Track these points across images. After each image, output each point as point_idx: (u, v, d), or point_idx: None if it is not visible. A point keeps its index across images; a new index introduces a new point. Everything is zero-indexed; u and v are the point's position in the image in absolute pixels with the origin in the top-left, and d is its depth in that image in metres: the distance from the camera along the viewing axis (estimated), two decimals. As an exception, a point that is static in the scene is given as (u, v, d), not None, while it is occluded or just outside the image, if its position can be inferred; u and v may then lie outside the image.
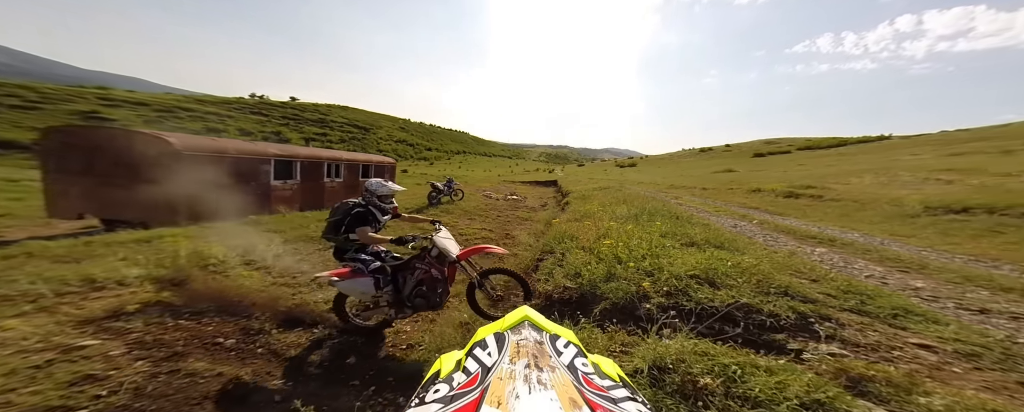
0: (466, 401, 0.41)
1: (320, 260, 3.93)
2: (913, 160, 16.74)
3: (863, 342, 1.44)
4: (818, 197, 8.77)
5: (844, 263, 3.27)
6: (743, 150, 56.45)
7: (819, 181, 11.52)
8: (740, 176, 20.28)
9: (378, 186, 2.44)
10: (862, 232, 5.17)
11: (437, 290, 2.38)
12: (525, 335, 0.56)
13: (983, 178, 8.55)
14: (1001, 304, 2.10)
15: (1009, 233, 4.34)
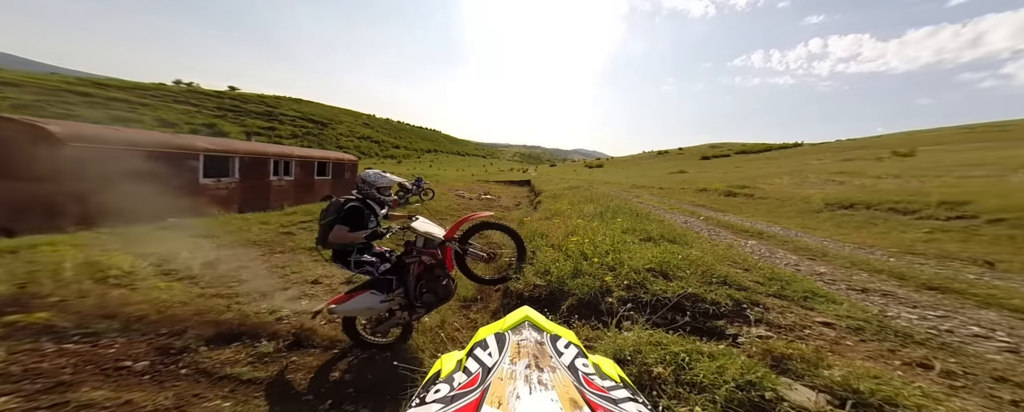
0: (467, 401, 0.40)
1: (265, 267, 3.47)
2: (818, 164, 20.14)
3: (783, 323, 1.67)
4: (750, 195, 10.08)
5: (769, 253, 3.79)
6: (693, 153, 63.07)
7: (751, 182, 13.25)
8: (690, 177, 22.54)
9: (377, 177, 2.19)
10: (782, 226, 6.07)
11: (440, 280, 2.22)
12: (526, 335, 0.56)
13: (863, 180, 10.57)
14: (876, 284, 2.61)
15: (880, 224, 5.41)
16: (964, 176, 8.90)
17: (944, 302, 2.22)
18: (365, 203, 2.14)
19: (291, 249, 4.15)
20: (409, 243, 2.25)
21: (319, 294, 2.87)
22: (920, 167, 12.21)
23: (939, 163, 12.90)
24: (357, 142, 58.45)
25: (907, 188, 7.27)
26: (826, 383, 1.13)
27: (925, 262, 3.54)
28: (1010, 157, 11.81)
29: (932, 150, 21.60)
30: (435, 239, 2.19)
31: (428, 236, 2.19)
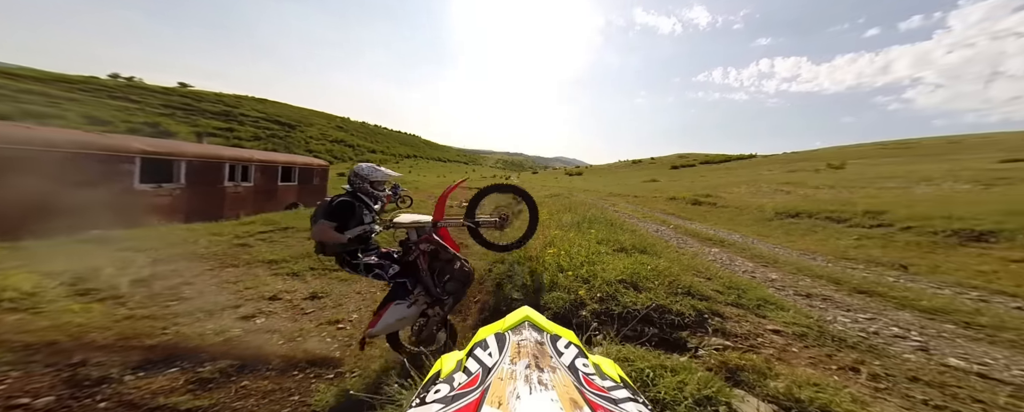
0: (467, 401, 0.40)
1: (213, 283, 3.11)
2: (769, 175, 22.38)
3: (739, 332, 1.78)
4: (713, 204, 10.89)
5: (729, 260, 4.08)
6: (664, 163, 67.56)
7: (714, 191, 14.36)
8: (661, 185, 23.97)
9: (370, 170, 2.06)
10: (740, 233, 6.61)
11: (452, 264, 2.10)
12: (526, 335, 0.55)
13: (805, 190, 11.87)
14: (817, 289, 2.89)
15: (820, 232, 6.07)
16: (881, 188, 10.34)
17: (871, 305, 2.50)
18: (356, 197, 2.01)
19: (246, 262, 3.79)
20: (403, 241, 2.14)
21: (277, 311, 2.62)
22: (849, 179, 13.99)
23: (862, 175, 14.87)
24: (329, 146, 54.91)
25: (839, 198, 8.26)
26: (773, 393, 1.21)
27: (855, 266, 4.01)
28: (914, 171, 13.97)
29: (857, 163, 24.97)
30: (425, 225, 2.09)
31: (416, 225, 2.08)
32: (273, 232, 5.36)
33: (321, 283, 3.26)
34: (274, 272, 3.52)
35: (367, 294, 2.98)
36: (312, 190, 10.77)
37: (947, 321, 2.18)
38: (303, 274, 3.48)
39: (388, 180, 2.13)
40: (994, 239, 4.32)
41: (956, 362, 1.65)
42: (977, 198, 6.61)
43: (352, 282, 3.25)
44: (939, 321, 2.19)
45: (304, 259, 3.86)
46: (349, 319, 2.55)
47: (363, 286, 3.17)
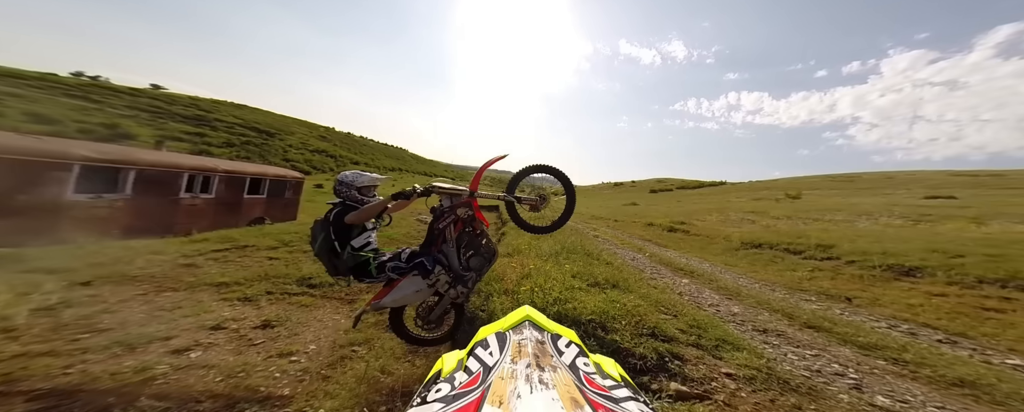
0: (468, 400, 0.39)
1: (143, 310, 2.77)
2: (737, 202, 24.13)
3: (696, 376, 1.88)
4: (687, 232, 11.48)
5: (697, 291, 4.29)
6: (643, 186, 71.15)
7: (688, 218, 15.19)
8: (640, 209, 25.06)
9: (355, 176, 1.98)
10: (710, 262, 6.98)
11: (481, 238, 2.02)
12: (526, 335, 0.54)
13: (768, 220, 12.86)
14: (773, 323, 3.10)
15: (779, 263, 6.54)
16: (830, 221, 11.44)
17: (817, 341, 2.71)
18: (347, 206, 1.91)
19: (189, 286, 3.33)
20: (434, 208, 2.06)
21: (219, 343, 2.32)
22: (804, 209, 15.37)
23: (815, 206, 16.41)
24: (309, 155, 52.73)
25: (796, 230, 9.02)
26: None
27: (809, 298, 4.33)
28: (856, 204, 15.65)
29: (810, 194, 27.64)
30: (462, 193, 2.01)
31: (453, 192, 2.00)
32: (229, 250, 4.82)
33: (277, 309, 2.93)
34: (222, 297, 3.12)
35: (329, 322, 2.76)
36: (284, 204, 10.06)
37: (879, 357, 2.40)
38: (257, 299, 3.12)
39: (376, 184, 2.04)
40: (920, 274, 4.86)
41: (883, 400, 1.82)
42: (907, 234, 7.46)
43: (313, 308, 3.02)
44: (873, 357, 2.41)
45: (260, 282, 3.51)
46: (305, 351, 2.29)
47: (325, 313, 2.95)
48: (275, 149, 48.79)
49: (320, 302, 3.18)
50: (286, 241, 5.76)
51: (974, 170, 38.28)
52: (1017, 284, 4.11)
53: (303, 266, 4.27)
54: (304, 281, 3.64)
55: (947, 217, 10.32)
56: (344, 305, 3.14)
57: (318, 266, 4.45)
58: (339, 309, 3.06)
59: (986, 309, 3.68)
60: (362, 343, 2.34)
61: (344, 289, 3.53)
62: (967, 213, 10.87)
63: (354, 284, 2.38)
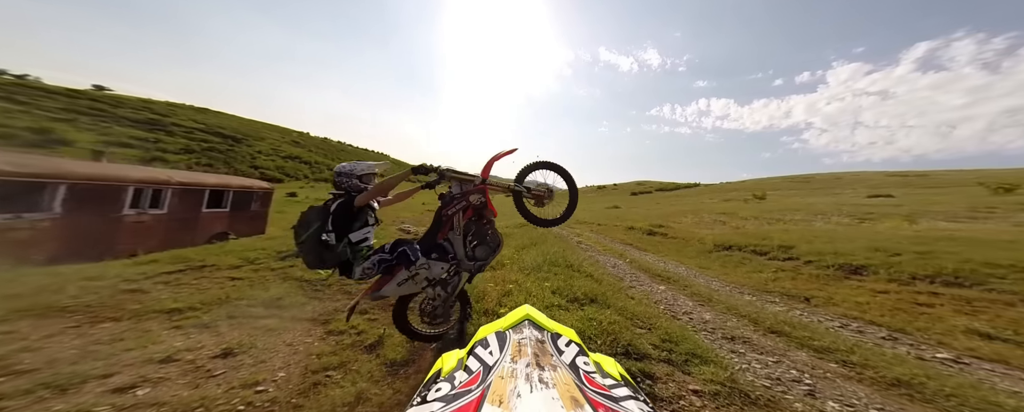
0: (468, 400, 0.39)
1: (76, 345, 2.41)
2: (710, 203, 25.51)
3: (665, 395, 1.92)
4: (665, 235, 11.94)
5: (673, 299, 4.44)
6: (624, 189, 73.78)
7: (665, 220, 15.82)
8: (622, 212, 25.82)
9: (353, 166, 1.90)
10: (686, 265, 7.28)
11: (488, 228, 2.00)
12: (526, 334, 0.55)
13: (737, 221, 13.67)
14: (740, 329, 3.25)
15: (747, 265, 6.93)
16: (790, 221, 12.37)
17: (779, 346, 2.87)
18: (350, 197, 1.84)
19: (135, 314, 2.95)
20: (444, 195, 2.02)
21: (171, 377, 2.08)
22: (768, 210, 16.51)
23: (777, 206, 17.70)
24: (281, 162, 49.55)
25: (761, 231, 9.62)
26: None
27: (773, 300, 4.61)
28: (812, 204, 17.05)
29: (773, 194, 29.84)
30: (474, 180, 1.99)
31: (464, 178, 1.97)
32: (184, 272, 4.33)
33: (240, 335, 2.62)
34: (174, 324, 2.75)
35: (300, 346, 2.54)
36: (250, 217, 9.26)
37: (831, 360, 2.58)
38: (216, 325, 2.79)
39: (374, 172, 1.97)
40: (865, 273, 5.33)
41: (832, 406, 1.94)
42: (853, 233, 8.18)
43: (282, 332, 2.78)
44: (826, 360, 2.59)
45: (220, 305, 3.17)
46: (273, 379, 2.07)
47: (296, 337, 2.71)
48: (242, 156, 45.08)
49: (290, 325, 2.93)
50: (251, 258, 5.33)
51: (904, 171, 43.22)
52: (943, 280, 4.60)
53: (271, 286, 3.95)
54: (272, 303, 3.37)
55: (885, 215, 11.47)
56: (317, 327, 2.92)
57: (287, 285, 4.18)
58: (311, 331, 2.83)
59: (919, 304, 4.08)
60: (337, 367, 2.18)
61: (317, 310, 3.31)
62: (901, 211, 12.15)
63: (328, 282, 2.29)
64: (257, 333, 2.72)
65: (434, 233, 2.02)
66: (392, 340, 2.50)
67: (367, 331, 2.68)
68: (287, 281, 4.18)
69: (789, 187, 38.42)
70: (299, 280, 4.31)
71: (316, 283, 4.21)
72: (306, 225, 1.77)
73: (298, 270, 4.89)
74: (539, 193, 2.27)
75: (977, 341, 3.03)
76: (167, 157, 30.31)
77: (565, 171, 2.26)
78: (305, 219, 1.80)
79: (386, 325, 2.77)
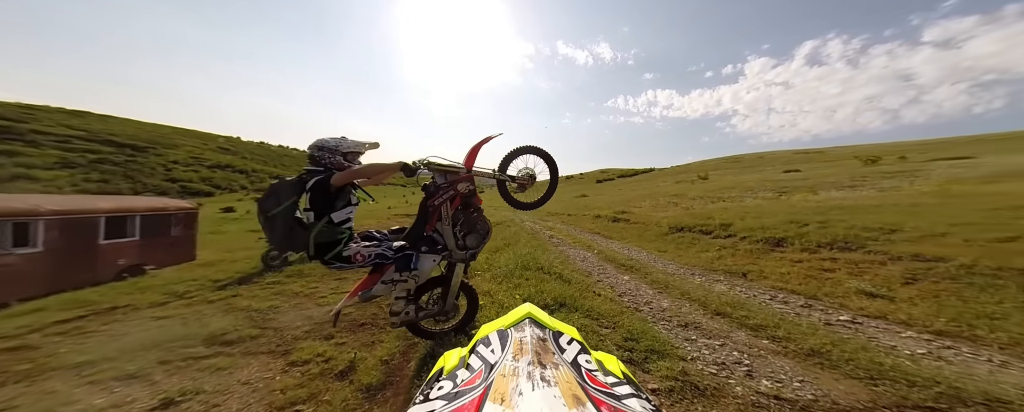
0: (470, 398, 0.40)
1: None
2: (664, 186, 27.79)
3: (629, 403, 1.99)
4: (627, 221, 12.72)
5: (635, 289, 4.70)
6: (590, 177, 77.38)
7: (627, 206, 16.86)
8: (589, 201, 27.01)
9: (339, 141, 1.70)
10: (647, 250, 7.81)
11: (475, 216, 1.97)
12: (528, 332, 0.54)
13: (687, 202, 15.04)
14: (693, 315, 3.53)
15: (697, 245, 7.64)
16: (727, 198, 13.95)
17: (723, 328, 3.16)
18: (330, 174, 1.64)
19: (26, 375, 2.39)
20: (428, 185, 1.95)
21: None
22: (711, 190, 18.44)
23: (717, 186, 19.86)
24: (208, 172, 42.13)
25: (706, 211, 10.68)
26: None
27: (719, 279, 5.12)
28: (743, 181, 19.42)
29: (713, 174, 33.47)
30: (459, 171, 1.95)
31: (450, 169, 1.93)
32: (86, 318, 3.60)
33: (181, 380, 2.22)
34: (88, 380, 2.23)
35: (259, 384, 2.19)
36: (170, 244, 7.92)
37: (764, 337, 2.91)
38: (147, 373, 2.32)
39: (361, 151, 1.79)
40: (785, 245, 6.17)
41: (765, 384, 2.17)
42: (775, 208, 9.44)
43: (235, 369, 2.39)
44: (759, 337, 2.90)
45: (148, 351, 2.63)
46: None
47: (252, 373, 2.34)
48: (150, 167, 36.77)
49: (243, 361, 2.53)
50: (180, 292, 4.52)
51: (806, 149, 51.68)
52: (838, 246, 5.50)
53: (211, 321, 3.39)
54: (216, 339, 2.89)
55: (796, 189, 13.48)
56: (276, 359, 2.56)
57: (232, 317, 3.61)
58: (270, 365, 2.46)
59: (824, 271, 4.83)
60: (306, 400, 1.94)
61: (274, 340, 2.89)
62: (807, 184, 14.36)
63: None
64: (203, 376, 2.31)
65: (422, 225, 1.97)
66: (365, 364, 2.29)
67: (335, 357, 2.43)
68: (231, 313, 3.65)
69: (725, 167, 43.39)
70: (247, 310, 3.76)
71: (267, 311, 3.71)
72: (275, 198, 1.57)
73: (244, 299, 4.28)
74: (523, 181, 2.30)
75: (865, 301, 3.67)
76: (36, 174, 23.60)
77: (547, 155, 2.31)
78: (274, 191, 1.60)
79: (356, 348, 2.56)
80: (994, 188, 8.19)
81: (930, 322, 3.05)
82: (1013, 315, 2.97)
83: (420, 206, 2.00)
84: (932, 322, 3.04)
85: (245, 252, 8.63)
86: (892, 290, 3.89)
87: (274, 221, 1.57)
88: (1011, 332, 2.72)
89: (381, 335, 2.84)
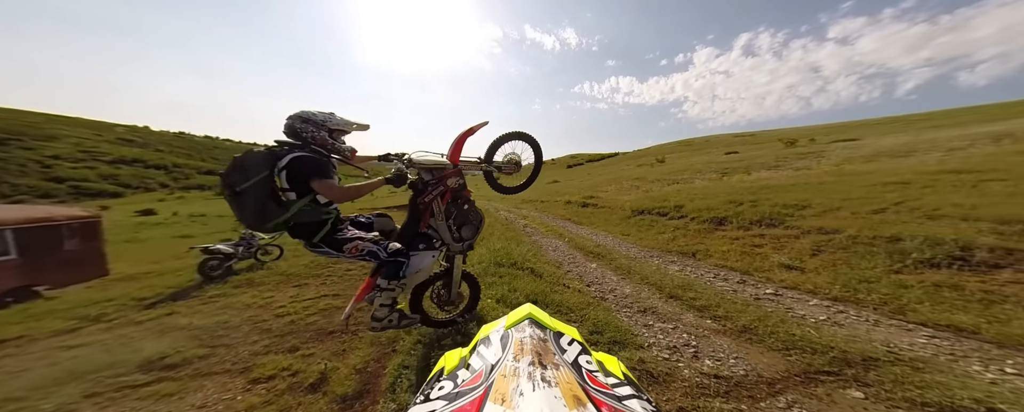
0: (470, 398, 0.41)
1: None
2: (627, 170, 29.41)
3: (595, 401, 2.09)
4: (595, 205, 13.26)
5: (601, 277, 4.95)
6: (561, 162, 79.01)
7: (594, 191, 17.56)
8: (560, 186, 27.68)
9: (328, 116, 1.53)
10: (613, 235, 8.26)
11: (467, 207, 1.97)
12: (529, 332, 0.54)
13: (646, 185, 16.08)
14: (652, 300, 3.80)
15: (655, 226, 8.24)
16: (680, 180, 15.17)
17: (675, 311, 3.45)
18: (318, 154, 1.51)
19: None
20: (414, 183, 1.91)
21: None
22: (667, 172, 19.90)
23: (673, 168, 21.48)
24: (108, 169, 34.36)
25: (663, 194, 11.49)
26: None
27: (673, 260, 5.60)
28: (693, 163, 21.25)
29: (669, 157, 36.15)
30: (445, 165, 1.93)
31: (436, 165, 1.89)
32: None
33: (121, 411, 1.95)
34: None
35: (216, 405, 1.95)
36: (66, 261, 6.60)
37: (708, 317, 3.23)
38: (77, 408, 2.02)
39: (348, 130, 1.63)
40: (726, 224, 6.90)
41: (708, 364, 2.42)
42: (718, 188, 10.46)
43: (185, 394, 2.09)
44: (704, 318, 3.23)
45: (66, 384, 2.23)
46: None
47: (209, 395, 2.06)
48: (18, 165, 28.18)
49: (193, 383, 2.21)
50: (94, 315, 3.82)
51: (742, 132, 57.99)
52: (766, 223, 6.29)
53: (145, 344, 2.91)
54: (154, 364, 2.48)
55: (734, 170, 15.07)
56: (234, 377, 2.28)
57: (171, 338, 3.12)
58: (228, 385, 2.17)
59: (755, 247, 5.51)
60: None
61: (229, 358, 2.56)
62: (743, 165, 16.12)
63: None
64: (146, 404, 2.01)
65: (415, 223, 1.95)
66: (338, 373, 2.15)
67: (303, 369, 2.24)
68: (168, 333, 3.14)
69: (678, 150, 47.02)
70: (188, 328, 3.25)
71: (215, 328, 3.25)
72: (242, 172, 1.40)
73: (183, 316, 3.72)
74: (509, 169, 2.38)
75: (785, 273, 4.28)
76: None
77: (532, 139, 2.37)
78: (240, 165, 1.42)
79: (326, 358, 2.40)
80: (872, 166, 9.90)
81: (829, 289, 3.64)
82: (882, 278, 3.67)
83: (410, 204, 1.96)
84: (830, 289, 3.64)
85: (175, 262, 7.43)
86: (803, 262, 4.57)
87: (243, 197, 1.40)
88: (881, 293, 3.36)
89: (353, 342, 2.65)
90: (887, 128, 27.99)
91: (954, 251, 3.68)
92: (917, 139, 14.82)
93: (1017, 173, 5.92)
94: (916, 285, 3.40)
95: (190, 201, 26.28)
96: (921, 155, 10.61)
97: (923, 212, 4.90)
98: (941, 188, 5.92)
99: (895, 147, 13.46)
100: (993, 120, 19.88)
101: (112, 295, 4.65)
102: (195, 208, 20.94)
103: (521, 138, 2.36)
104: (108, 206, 7.04)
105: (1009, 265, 3.33)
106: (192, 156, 47.79)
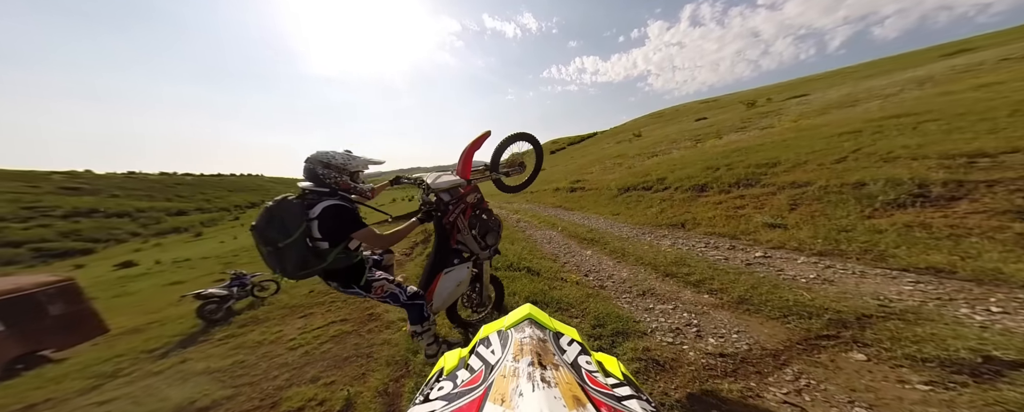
0: (470, 398, 0.41)
1: None
2: (608, 149, 29.34)
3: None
4: (583, 188, 13.18)
5: (598, 265, 4.84)
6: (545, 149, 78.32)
7: (581, 174, 17.46)
8: (546, 173, 27.35)
9: (347, 159, 1.55)
10: (603, 216, 8.20)
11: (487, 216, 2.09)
12: (528, 333, 0.55)
13: (628, 162, 16.05)
14: (649, 281, 3.73)
15: (643, 202, 8.21)
16: (659, 153, 15.20)
17: (672, 289, 3.39)
18: (346, 199, 1.53)
19: None
20: (432, 204, 1.94)
21: None
22: (646, 146, 19.91)
23: (650, 141, 21.51)
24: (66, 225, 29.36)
25: (645, 168, 11.48)
26: None
27: (664, 234, 5.56)
28: (668, 134, 21.32)
29: (645, 130, 36.28)
30: (460, 184, 2.00)
31: (452, 186, 1.95)
32: None
33: None
34: None
35: None
36: (57, 325, 6.21)
37: (704, 291, 3.18)
38: None
39: (368, 169, 1.67)
40: (707, 190, 6.91)
41: (712, 342, 2.36)
42: (695, 156, 10.48)
43: None
44: (701, 293, 3.18)
45: None
46: None
47: None
48: None
49: None
50: (110, 372, 3.76)
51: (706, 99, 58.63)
52: (743, 184, 6.31)
53: (169, 392, 2.87)
54: (185, 408, 2.50)
55: (706, 136, 15.17)
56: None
57: (193, 384, 3.01)
58: None
59: (738, 209, 5.53)
60: None
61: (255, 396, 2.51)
62: (713, 131, 16.25)
63: None
64: None
65: (445, 241, 2.02)
66: (362, 397, 2.16)
67: (329, 397, 2.27)
68: (190, 379, 3.09)
69: (652, 123, 47.22)
70: (207, 372, 3.19)
71: (233, 368, 3.15)
72: (281, 227, 1.38)
73: (199, 361, 3.59)
74: (514, 171, 2.48)
75: (770, 233, 4.29)
76: None
77: (532, 138, 2.41)
78: (279, 218, 1.38)
79: (347, 384, 2.43)
80: (826, 119, 10.08)
81: (813, 244, 3.66)
82: (857, 225, 3.71)
83: (436, 225, 2.03)
84: (814, 244, 3.65)
85: (173, 310, 7.06)
86: (784, 218, 4.59)
87: (285, 252, 1.38)
88: (859, 242, 3.39)
89: (370, 364, 2.67)
90: (829, 82, 28.75)
91: (913, 189, 3.74)
92: (857, 89, 15.23)
93: (947, 112, 6.11)
94: (889, 229, 3.43)
95: (169, 247, 24.03)
96: (864, 104, 10.88)
97: (879, 156, 4.99)
98: (888, 133, 6.07)
99: (841, 99, 13.77)
100: (913, 66, 20.62)
101: (120, 350, 4.34)
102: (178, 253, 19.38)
103: (521, 139, 2.42)
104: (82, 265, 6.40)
105: (963, 197, 3.40)
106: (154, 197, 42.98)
